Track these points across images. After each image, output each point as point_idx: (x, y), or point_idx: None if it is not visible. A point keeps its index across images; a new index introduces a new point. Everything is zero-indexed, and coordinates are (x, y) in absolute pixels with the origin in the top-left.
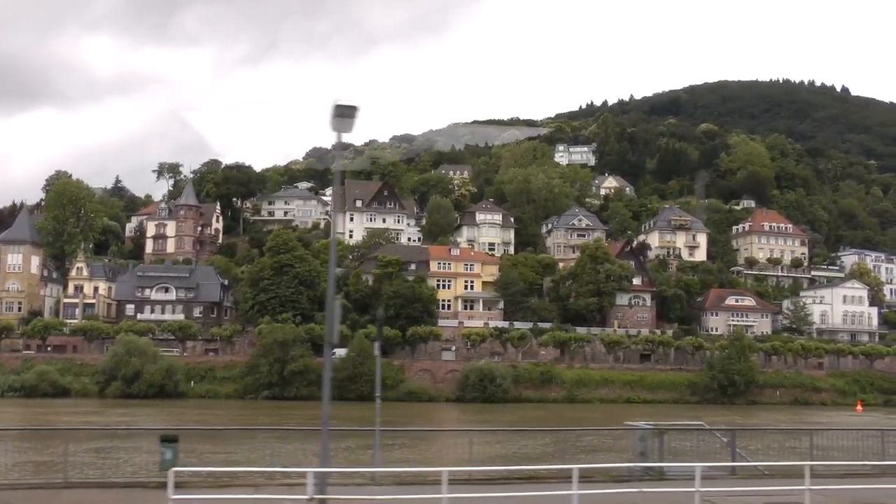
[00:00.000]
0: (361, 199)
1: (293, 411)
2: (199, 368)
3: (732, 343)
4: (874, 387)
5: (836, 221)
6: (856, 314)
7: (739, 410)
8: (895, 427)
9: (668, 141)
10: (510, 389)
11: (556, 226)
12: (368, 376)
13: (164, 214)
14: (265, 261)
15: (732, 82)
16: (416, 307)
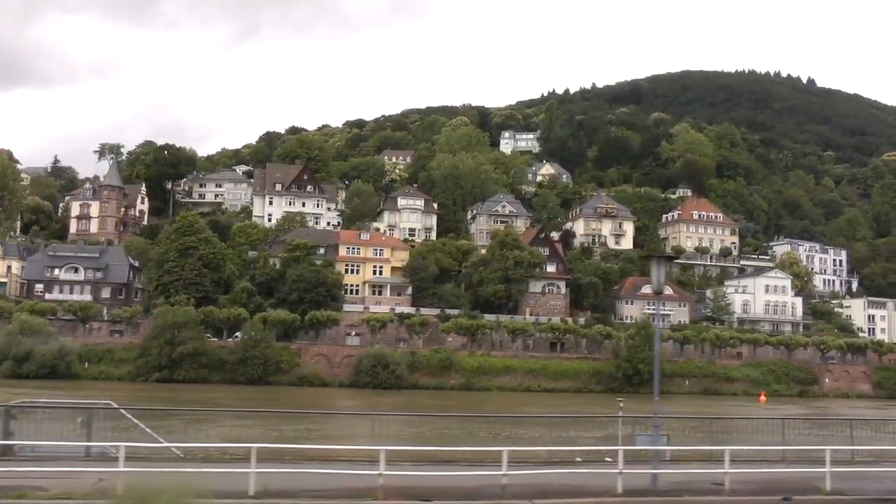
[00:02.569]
0: (282, 183)
1: (163, 393)
2: (98, 350)
3: (639, 331)
4: (790, 377)
5: (779, 211)
6: (778, 304)
7: (645, 399)
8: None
9: (614, 129)
10: (405, 376)
11: (480, 212)
12: (260, 360)
13: (88, 195)
14: (170, 243)
15: (695, 72)
16: (320, 291)
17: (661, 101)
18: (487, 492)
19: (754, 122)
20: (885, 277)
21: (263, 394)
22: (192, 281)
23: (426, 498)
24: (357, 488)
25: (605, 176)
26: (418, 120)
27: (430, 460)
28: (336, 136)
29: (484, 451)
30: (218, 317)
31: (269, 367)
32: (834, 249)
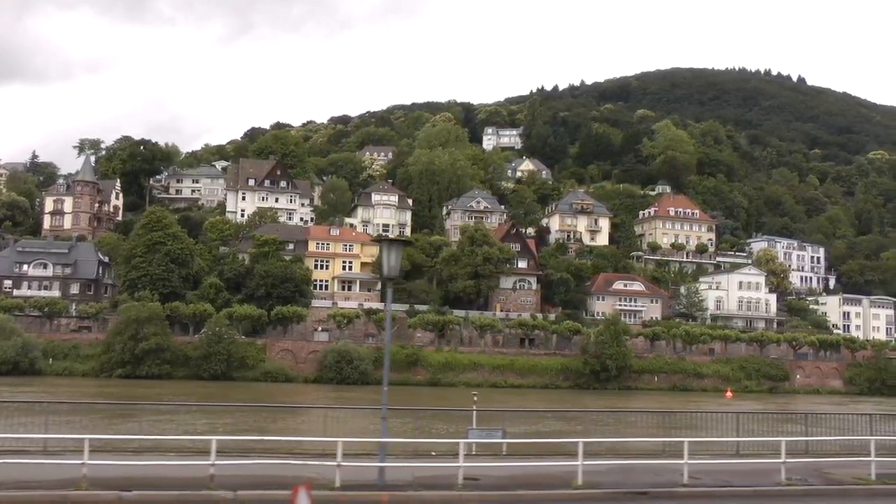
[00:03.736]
0: (255, 179)
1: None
2: (64, 346)
3: (608, 327)
4: (761, 373)
5: (760, 208)
6: (752, 300)
7: (611, 396)
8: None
9: (597, 126)
10: (370, 372)
11: (455, 208)
12: (223, 355)
13: (62, 190)
14: (138, 238)
15: (684, 70)
16: (288, 287)
17: (649, 98)
18: (193, 484)
19: (742, 119)
20: (863, 275)
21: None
22: (159, 276)
23: (126, 488)
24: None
25: (586, 172)
26: (403, 116)
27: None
28: (319, 133)
29: (191, 439)
30: (184, 312)
31: (232, 363)
32: (812, 247)
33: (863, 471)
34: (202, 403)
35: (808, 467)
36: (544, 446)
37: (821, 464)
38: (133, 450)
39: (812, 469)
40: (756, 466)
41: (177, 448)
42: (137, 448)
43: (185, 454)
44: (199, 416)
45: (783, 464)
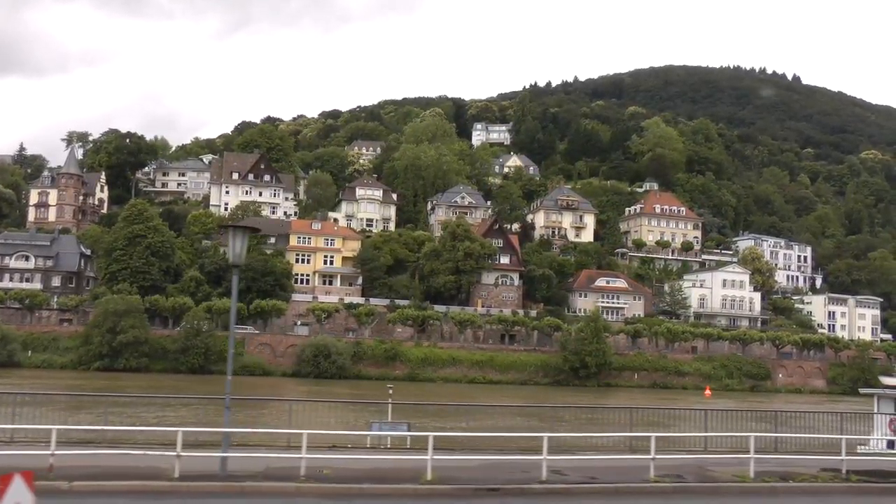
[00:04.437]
0: (238, 172)
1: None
2: (44, 338)
3: (588, 324)
4: (742, 372)
5: (748, 207)
6: (736, 299)
7: (590, 393)
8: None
9: (587, 122)
10: (347, 366)
11: (439, 203)
12: (201, 349)
13: (47, 183)
14: (119, 231)
15: (678, 67)
16: (268, 280)
17: (642, 95)
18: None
19: (735, 117)
20: (850, 274)
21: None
22: (140, 269)
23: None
24: None
25: (574, 169)
26: (393, 111)
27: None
28: (309, 127)
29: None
30: (163, 306)
31: (210, 357)
32: (799, 245)
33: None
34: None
35: (692, 464)
36: (450, 440)
37: (705, 461)
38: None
39: (696, 466)
40: (628, 463)
41: (19, 439)
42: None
43: (27, 444)
44: (154, 408)
45: (652, 460)
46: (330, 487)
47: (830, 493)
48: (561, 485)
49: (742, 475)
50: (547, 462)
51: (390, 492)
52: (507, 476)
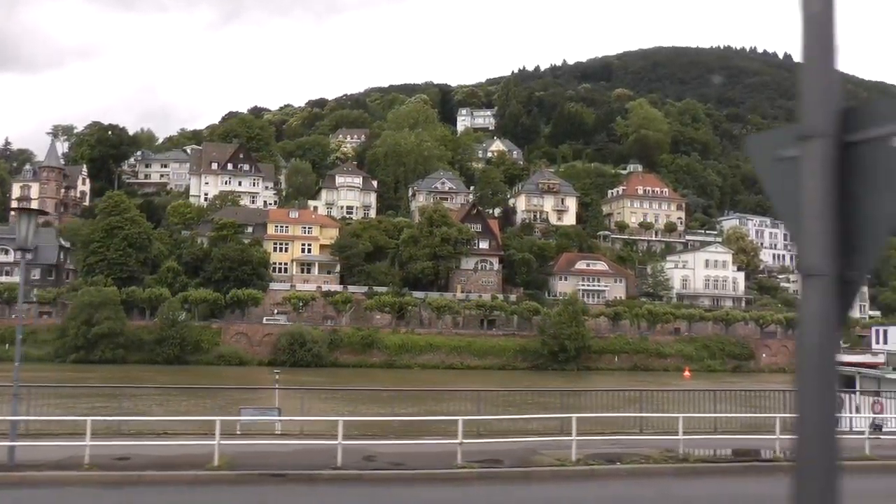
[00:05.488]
0: (218, 162)
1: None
2: (22, 331)
3: (566, 308)
4: (725, 352)
5: (736, 186)
6: (719, 279)
7: (569, 377)
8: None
9: (573, 105)
10: (324, 354)
11: (419, 189)
12: (177, 339)
13: (29, 176)
14: (97, 223)
15: (666, 48)
16: (245, 270)
17: (631, 77)
18: None
19: (724, 97)
20: None
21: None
22: (117, 261)
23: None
24: None
25: (558, 152)
26: (378, 99)
27: None
28: (295, 116)
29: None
30: (140, 297)
31: (186, 347)
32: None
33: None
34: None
35: (522, 448)
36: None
37: (536, 444)
38: None
39: (527, 449)
40: (441, 448)
41: None
42: None
43: None
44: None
45: (459, 445)
46: (112, 475)
47: (652, 475)
48: (354, 471)
49: (564, 459)
50: (360, 447)
51: (170, 478)
52: (307, 462)
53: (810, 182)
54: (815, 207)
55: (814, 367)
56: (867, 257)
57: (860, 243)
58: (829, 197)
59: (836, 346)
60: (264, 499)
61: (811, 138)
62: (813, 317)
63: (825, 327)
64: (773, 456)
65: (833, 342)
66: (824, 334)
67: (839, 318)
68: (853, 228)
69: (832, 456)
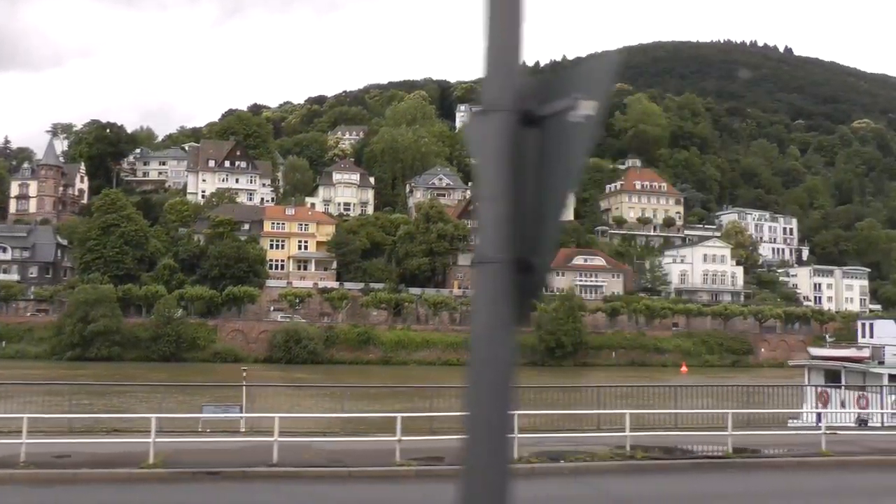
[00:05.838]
0: (215, 160)
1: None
2: (19, 329)
3: (563, 303)
4: (723, 347)
5: (735, 180)
6: (717, 273)
7: (565, 373)
8: None
9: None
10: (319, 350)
11: (417, 185)
12: (173, 337)
13: (27, 174)
14: (93, 221)
15: (666, 43)
16: (241, 267)
17: (630, 72)
18: None
19: (724, 91)
20: (837, 245)
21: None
22: (113, 259)
23: None
24: None
25: None
26: (377, 95)
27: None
28: (294, 113)
29: None
30: (136, 294)
31: (182, 344)
32: (785, 218)
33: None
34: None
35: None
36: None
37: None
38: None
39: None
40: (380, 445)
41: None
42: None
43: None
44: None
45: (398, 442)
46: (46, 473)
47: (595, 473)
48: (290, 468)
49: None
50: (302, 445)
51: (104, 476)
52: (244, 459)
53: (489, 161)
54: (492, 187)
55: (485, 362)
56: (545, 240)
57: (538, 225)
58: (506, 176)
59: (511, 339)
60: (190, 497)
61: (490, 113)
62: (486, 307)
63: (498, 318)
64: (725, 452)
65: (508, 335)
66: (497, 326)
67: (521, 307)
68: (530, 209)
69: (503, 458)
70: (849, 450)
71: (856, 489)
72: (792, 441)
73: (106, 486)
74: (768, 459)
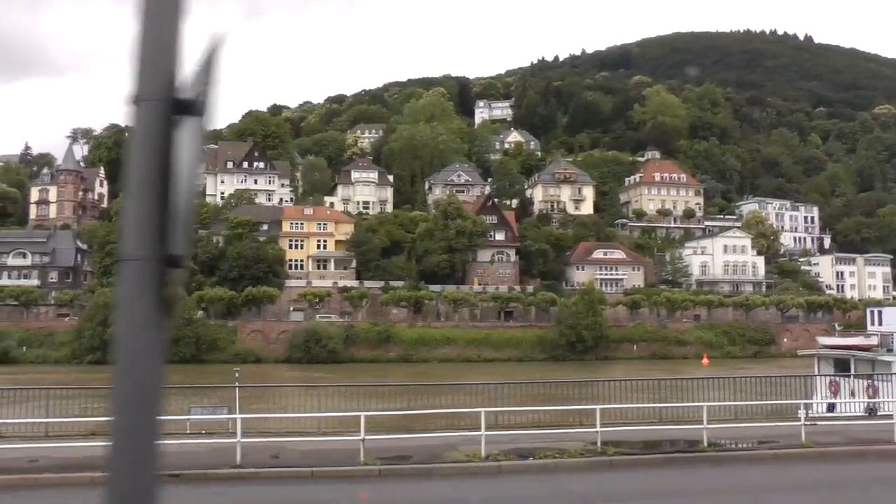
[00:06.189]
0: (233, 161)
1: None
2: (40, 334)
3: (583, 297)
4: (745, 338)
5: (756, 170)
6: (738, 264)
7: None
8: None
9: (589, 94)
10: (339, 350)
11: (435, 182)
12: (191, 339)
13: (46, 180)
14: (112, 224)
15: (685, 34)
16: (260, 268)
17: (650, 64)
18: None
19: (744, 81)
20: (859, 233)
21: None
22: None
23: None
24: None
25: (575, 142)
26: (397, 93)
27: None
28: (314, 113)
29: None
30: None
31: (202, 346)
32: (806, 206)
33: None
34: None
35: (444, 443)
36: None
37: (458, 439)
38: None
39: (447, 445)
40: (347, 445)
41: None
42: None
43: None
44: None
45: (362, 441)
46: (9, 479)
47: (563, 470)
48: (252, 469)
49: (474, 454)
50: (268, 445)
51: (67, 480)
52: (206, 461)
53: (136, 153)
54: (138, 180)
55: (132, 362)
56: (185, 231)
57: (178, 216)
58: (152, 168)
59: (159, 338)
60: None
61: (141, 102)
62: (132, 305)
63: (145, 317)
64: (700, 447)
65: (155, 333)
66: (144, 325)
67: (166, 303)
68: (172, 201)
69: (150, 464)
70: (829, 440)
71: (831, 481)
72: (772, 433)
73: (68, 490)
74: (743, 452)
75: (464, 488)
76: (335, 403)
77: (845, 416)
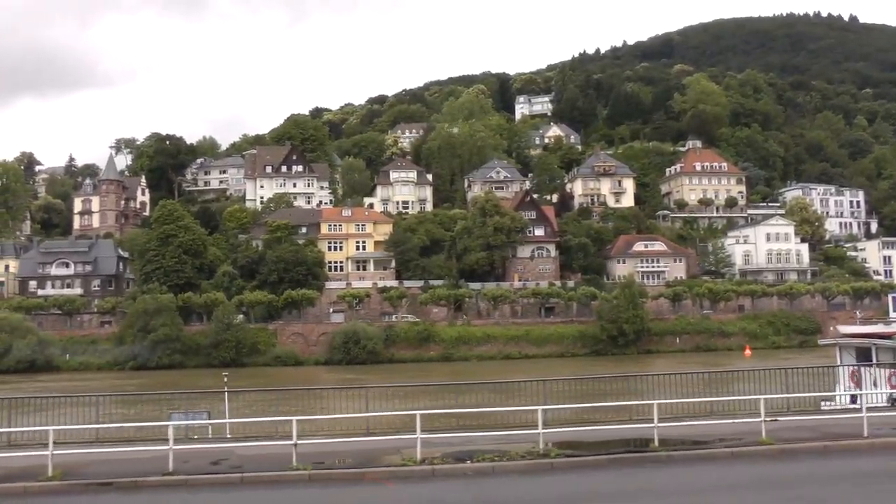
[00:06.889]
0: (272, 166)
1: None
2: (83, 342)
3: (623, 291)
4: (790, 328)
5: (800, 155)
6: (782, 252)
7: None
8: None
9: (630, 85)
10: (379, 350)
11: (474, 179)
12: (232, 343)
13: (89, 190)
14: (152, 232)
15: (727, 20)
16: (300, 270)
17: (692, 52)
18: None
19: (788, 65)
20: None
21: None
22: (173, 268)
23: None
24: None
25: (615, 134)
26: (437, 91)
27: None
28: (355, 114)
29: None
30: (196, 302)
31: (242, 350)
32: (851, 191)
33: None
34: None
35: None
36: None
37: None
38: None
39: (390, 448)
40: (273, 450)
41: None
42: None
43: None
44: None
45: (294, 446)
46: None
47: (501, 473)
48: (183, 476)
49: (410, 458)
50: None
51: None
52: (137, 469)
53: None
54: None
55: None
56: None
57: None
58: None
59: None
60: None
61: None
62: None
63: None
64: (652, 446)
65: None
66: None
67: None
68: None
69: None
70: (796, 436)
71: (787, 478)
72: (733, 430)
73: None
74: (695, 451)
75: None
76: (380, 405)
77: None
